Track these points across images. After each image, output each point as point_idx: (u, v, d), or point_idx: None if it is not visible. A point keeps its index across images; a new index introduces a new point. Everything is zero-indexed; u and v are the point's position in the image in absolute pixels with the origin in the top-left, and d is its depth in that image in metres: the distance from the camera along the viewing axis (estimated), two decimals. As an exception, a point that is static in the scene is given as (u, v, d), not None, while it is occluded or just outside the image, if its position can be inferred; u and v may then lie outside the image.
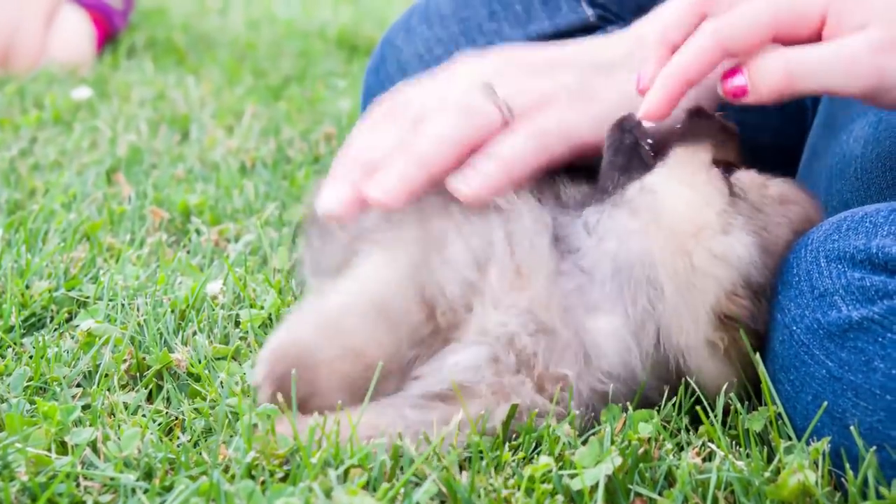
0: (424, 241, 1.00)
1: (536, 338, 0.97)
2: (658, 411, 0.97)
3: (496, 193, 1.00)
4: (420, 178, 1.00)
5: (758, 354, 0.95)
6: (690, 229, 0.97)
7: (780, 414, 0.94)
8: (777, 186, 1.03)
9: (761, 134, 1.35)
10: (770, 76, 0.94)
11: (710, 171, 1.01)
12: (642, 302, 0.97)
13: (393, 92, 1.11)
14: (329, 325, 0.97)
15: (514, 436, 0.95)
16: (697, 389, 0.97)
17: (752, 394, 0.99)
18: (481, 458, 0.91)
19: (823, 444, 0.89)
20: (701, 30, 0.97)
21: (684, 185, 1.00)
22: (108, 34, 2.65)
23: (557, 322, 0.97)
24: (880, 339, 0.87)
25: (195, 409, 1.00)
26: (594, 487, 0.87)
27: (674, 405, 0.98)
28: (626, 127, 1.05)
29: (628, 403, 0.96)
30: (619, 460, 0.88)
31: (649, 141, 1.04)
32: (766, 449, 0.94)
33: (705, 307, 0.96)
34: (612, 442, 0.92)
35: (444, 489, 0.86)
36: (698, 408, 0.95)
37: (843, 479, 0.88)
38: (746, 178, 1.02)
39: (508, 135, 1.03)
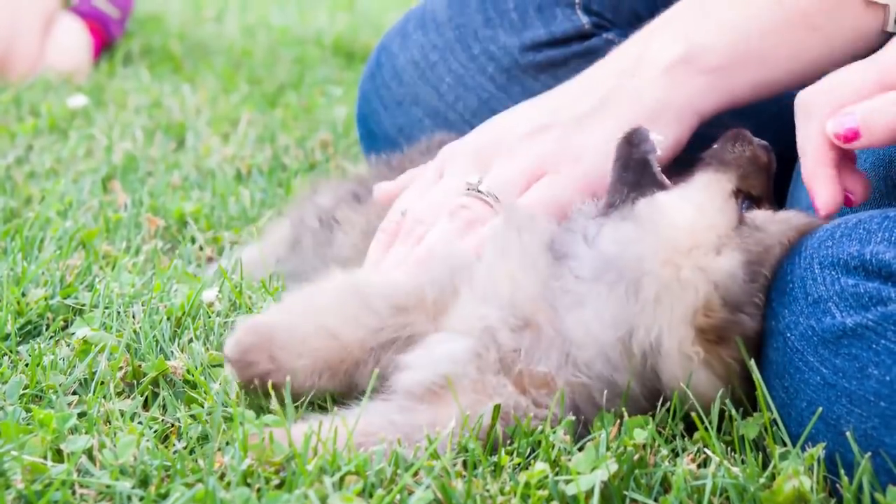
0: None
1: (520, 334, 0.98)
2: (653, 417, 0.97)
3: None
4: None
5: (753, 361, 0.95)
6: (686, 245, 0.97)
7: (774, 420, 0.95)
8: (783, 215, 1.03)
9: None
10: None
11: (726, 201, 1.01)
12: (627, 304, 0.97)
13: (393, 209, 1.21)
14: (306, 305, 1.03)
15: (509, 441, 0.95)
16: (692, 397, 0.96)
17: (746, 400, 0.99)
18: (477, 465, 0.91)
19: (818, 451, 0.89)
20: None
21: (694, 206, 1.00)
22: (105, 42, 2.65)
23: (542, 318, 0.98)
24: (874, 346, 0.88)
25: (191, 416, 1.00)
26: (590, 493, 0.87)
27: (668, 411, 0.98)
28: (634, 141, 1.06)
29: (623, 409, 0.96)
30: (614, 466, 0.88)
31: (658, 154, 1.05)
32: (761, 455, 0.94)
33: (683, 319, 0.96)
34: (608, 448, 0.92)
35: (440, 495, 0.86)
36: (693, 414, 0.95)
37: (837, 486, 0.88)
38: (761, 216, 1.02)
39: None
